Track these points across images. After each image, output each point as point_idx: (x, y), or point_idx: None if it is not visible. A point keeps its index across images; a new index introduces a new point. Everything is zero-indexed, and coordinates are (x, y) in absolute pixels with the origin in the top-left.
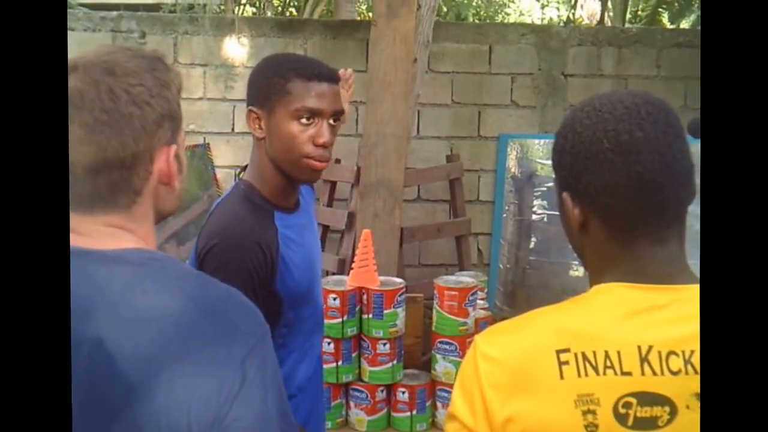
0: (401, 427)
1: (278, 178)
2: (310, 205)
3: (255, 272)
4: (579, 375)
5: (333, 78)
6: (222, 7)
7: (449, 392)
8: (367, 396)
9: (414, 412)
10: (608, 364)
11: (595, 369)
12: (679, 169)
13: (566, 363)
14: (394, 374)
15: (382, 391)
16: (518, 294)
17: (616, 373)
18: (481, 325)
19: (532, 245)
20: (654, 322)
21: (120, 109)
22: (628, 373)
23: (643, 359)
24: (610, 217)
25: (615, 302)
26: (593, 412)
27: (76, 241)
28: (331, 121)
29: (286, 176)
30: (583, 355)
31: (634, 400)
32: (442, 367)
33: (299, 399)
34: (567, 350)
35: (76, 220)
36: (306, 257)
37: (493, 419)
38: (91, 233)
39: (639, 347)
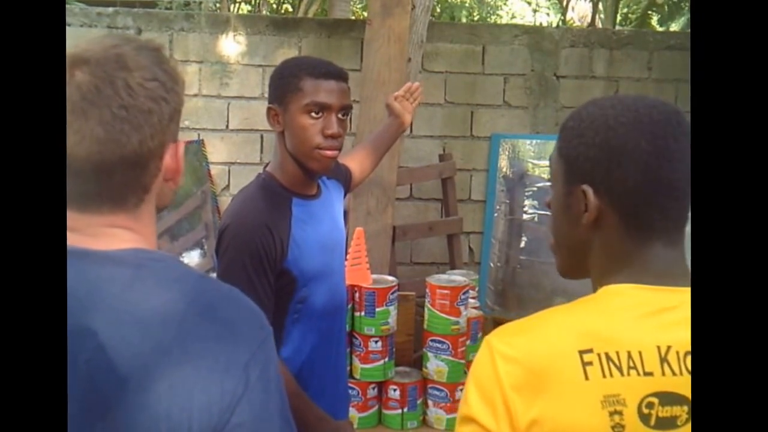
0: (392, 424)
1: (295, 168)
2: (334, 196)
3: (262, 250)
4: (604, 376)
5: (341, 76)
6: (218, 5)
7: (440, 390)
8: (358, 393)
9: (405, 409)
10: (631, 364)
11: (620, 369)
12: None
13: (590, 364)
14: (386, 372)
15: (373, 388)
16: (509, 293)
17: (639, 374)
18: (472, 324)
19: (522, 244)
20: (669, 323)
21: (139, 104)
22: (650, 374)
23: (663, 359)
24: (631, 216)
25: (630, 303)
26: (620, 413)
27: (78, 241)
28: (340, 115)
29: (302, 166)
30: (607, 355)
31: (656, 400)
32: (433, 365)
33: (311, 378)
34: (590, 351)
35: (82, 220)
36: (323, 240)
37: (517, 422)
38: (95, 233)
39: (658, 347)
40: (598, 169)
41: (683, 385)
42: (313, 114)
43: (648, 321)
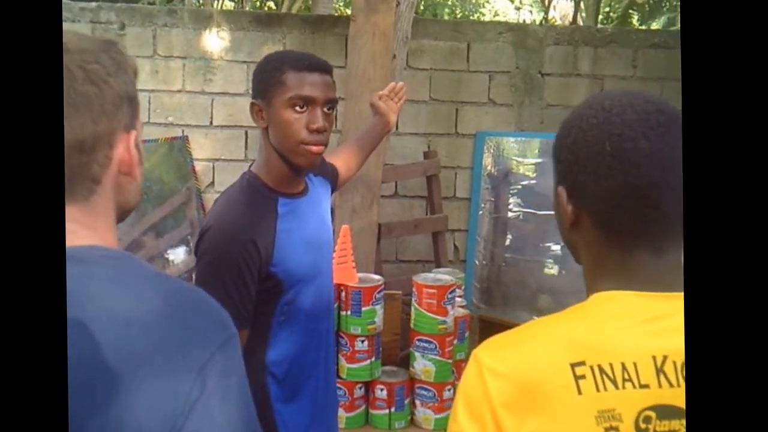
0: (379, 424)
1: (281, 165)
2: (321, 193)
3: (241, 259)
4: (597, 389)
5: (324, 69)
6: (201, 1)
7: (428, 390)
8: (345, 393)
9: (392, 409)
10: (626, 376)
11: (614, 382)
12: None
13: (582, 377)
14: (373, 371)
15: (360, 388)
16: (494, 291)
17: (634, 386)
18: (460, 324)
19: (507, 242)
20: (664, 331)
21: (76, 87)
22: (646, 386)
23: (659, 370)
24: (604, 221)
25: (623, 311)
26: (616, 429)
27: None
28: (325, 109)
29: (288, 162)
30: (600, 367)
31: (653, 414)
32: (420, 365)
33: (300, 380)
34: (582, 363)
35: None
36: (310, 239)
37: None
38: None
39: (654, 357)
40: (569, 172)
41: (681, 398)
42: (297, 108)
43: (642, 329)
